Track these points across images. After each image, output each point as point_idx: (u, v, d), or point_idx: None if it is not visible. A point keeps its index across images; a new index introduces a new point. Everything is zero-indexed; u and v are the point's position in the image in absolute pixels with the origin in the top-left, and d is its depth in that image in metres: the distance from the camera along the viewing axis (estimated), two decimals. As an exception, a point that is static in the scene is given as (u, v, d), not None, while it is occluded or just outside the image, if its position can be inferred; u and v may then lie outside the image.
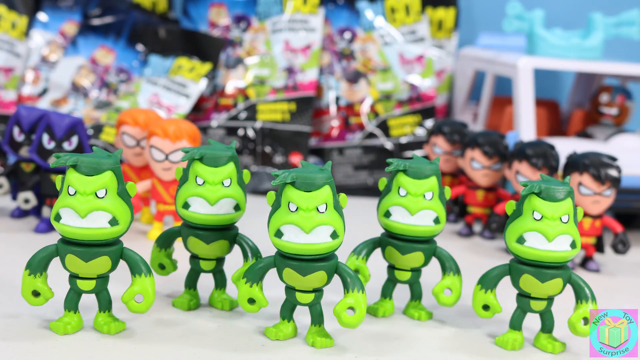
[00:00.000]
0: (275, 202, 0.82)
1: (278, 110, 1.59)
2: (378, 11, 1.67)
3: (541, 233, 0.83)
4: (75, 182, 0.79)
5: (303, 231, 0.80)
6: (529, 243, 0.83)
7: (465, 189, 1.35)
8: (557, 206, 0.83)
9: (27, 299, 0.83)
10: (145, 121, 1.23)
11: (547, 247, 0.83)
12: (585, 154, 1.16)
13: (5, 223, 1.22)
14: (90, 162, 0.79)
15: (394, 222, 0.90)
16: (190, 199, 0.88)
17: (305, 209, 0.80)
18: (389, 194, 0.91)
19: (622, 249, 1.18)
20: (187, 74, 1.58)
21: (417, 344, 0.88)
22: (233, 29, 1.66)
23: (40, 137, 1.15)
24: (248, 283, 0.84)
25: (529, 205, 0.84)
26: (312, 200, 0.80)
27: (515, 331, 0.88)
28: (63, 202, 0.79)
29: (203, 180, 0.87)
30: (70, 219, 0.79)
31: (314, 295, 0.84)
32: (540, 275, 0.84)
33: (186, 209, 0.88)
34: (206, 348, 0.83)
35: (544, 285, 0.84)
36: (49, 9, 1.67)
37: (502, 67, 1.48)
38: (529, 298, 0.86)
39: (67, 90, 1.58)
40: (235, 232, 0.91)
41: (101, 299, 0.84)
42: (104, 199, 0.79)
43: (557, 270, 0.84)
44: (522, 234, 0.84)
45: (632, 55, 1.68)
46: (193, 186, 0.88)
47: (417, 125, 1.62)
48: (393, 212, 0.90)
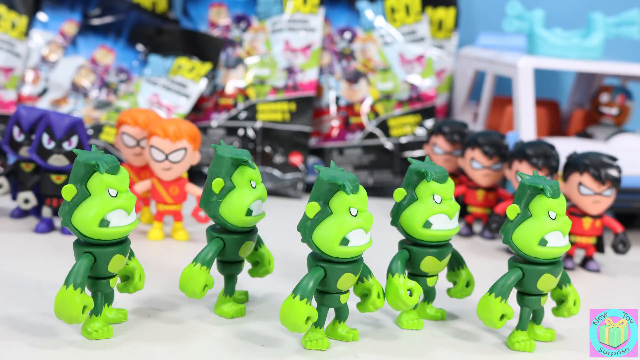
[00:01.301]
0: (320, 212, 0.81)
1: (278, 110, 1.58)
2: (378, 11, 1.67)
3: (560, 231, 0.84)
4: (114, 184, 0.80)
5: (365, 232, 0.81)
6: (552, 243, 0.84)
7: (466, 189, 1.35)
8: (562, 203, 0.85)
9: (79, 317, 0.79)
10: (145, 121, 1.23)
11: (564, 244, 0.85)
12: (585, 154, 1.16)
13: (5, 223, 1.22)
14: (109, 160, 0.80)
15: (436, 231, 0.89)
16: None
17: (364, 211, 0.81)
18: (418, 203, 0.89)
19: (622, 249, 1.18)
20: (187, 73, 1.58)
21: (417, 344, 0.88)
22: (233, 29, 1.66)
23: (40, 137, 1.15)
24: (303, 300, 0.80)
25: (540, 206, 0.84)
26: (364, 201, 0.82)
27: (524, 331, 0.88)
28: (110, 206, 0.79)
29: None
30: (120, 219, 0.80)
31: (348, 292, 0.85)
32: (556, 271, 0.86)
33: (249, 215, 0.88)
34: (206, 348, 0.83)
35: (556, 279, 0.86)
36: (48, 9, 1.67)
37: (502, 67, 1.48)
38: (541, 296, 0.87)
39: (67, 90, 1.58)
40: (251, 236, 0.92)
41: (109, 293, 0.85)
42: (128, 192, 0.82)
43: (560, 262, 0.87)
44: (544, 235, 0.84)
45: (632, 55, 1.68)
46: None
47: (417, 125, 1.62)
48: (433, 222, 0.88)
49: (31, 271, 1.02)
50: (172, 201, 1.19)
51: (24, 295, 0.93)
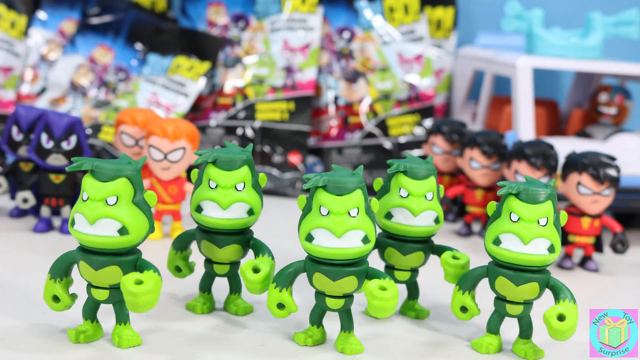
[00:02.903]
0: (306, 206, 0.81)
1: (277, 109, 1.58)
2: (377, 10, 1.67)
3: (517, 235, 0.81)
4: (88, 188, 0.77)
5: (334, 235, 0.79)
6: (504, 245, 0.82)
7: (464, 189, 1.35)
8: (535, 208, 0.81)
9: (48, 303, 0.82)
10: (143, 120, 1.23)
11: (522, 250, 0.81)
12: (584, 154, 1.16)
13: (3, 223, 1.22)
14: (106, 168, 0.77)
15: (395, 224, 0.90)
16: (203, 203, 0.86)
17: (336, 213, 0.79)
18: (388, 195, 0.90)
19: (621, 248, 1.18)
20: (185, 73, 1.58)
21: (408, 344, 0.88)
22: (232, 28, 1.66)
23: (39, 137, 1.15)
24: (278, 287, 0.82)
25: (507, 206, 0.82)
26: (343, 204, 0.79)
27: (492, 335, 0.86)
28: (76, 207, 0.78)
29: (216, 183, 0.86)
30: (82, 225, 0.77)
31: (344, 300, 0.82)
32: (515, 278, 0.82)
33: (199, 213, 0.87)
34: (206, 348, 0.82)
35: (519, 288, 0.82)
36: (48, 8, 1.67)
37: (501, 67, 1.48)
38: (505, 301, 0.84)
39: (65, 89, 1.58)
40: (249, 237, 0.90)
41: (117, 310, 0.81)
42: (115, 206, 0.77)
43: (533, 274, 0.82)
44: (498, 235, 0.82)
45: (631, 55, 1.69)
46: (206, 189, 0.87)
47: (416, 125, 1.62)
48: (395, 214, 0.89)
49: (30, 270, 1.01)
50: (171, 200, 1.19)
51: (22, 295, 0.93)
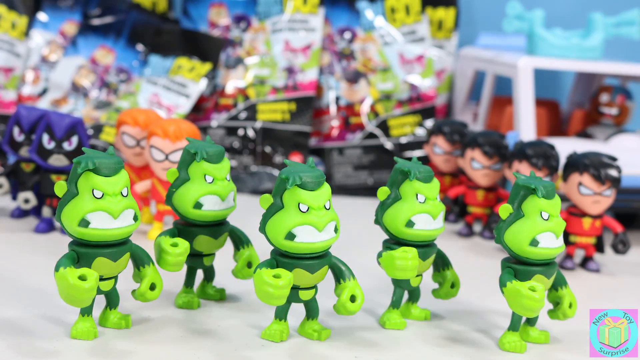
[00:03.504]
0: (273, 206, 0.82)
1: (278, 110, 1.59)
2: (378, 11, 1.67)
3: (553, 232, 0.84)
4: (102, 185, 0.79)
5: (317, 230, 0.81)
6: (543, 244, 0.84)
7: (465, 189, 1.35)
8: (556, 203, 0.85)
9: (75, 286, 0.76)
10: (145, 121, 1.23)
11: (556, 245, 0.84)
12: (585, 154, 1.16)
13: (5, 223, 1.23)
14: (108, 163, 0.79)
15: (418, 231, 0.88)
16: (203, 199, 0.88)
17: (316, 208, 0.80)
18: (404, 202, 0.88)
19: (622, 249, 1.18)
20: (187, 73, 1.58)
21: (416, 344, 0.88)
22: (233, 29, 1.66)
23: (40, 137, 1.15)
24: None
25: (533, 206, 0.84)
26: (321, 198, 0.81)
27: (517, 332, 0.87)
28: (91, 207, 0.78)
29: (212, 177, 0.89)
30: (103, 221, 0.79)
31: (314, 290, 0.85)
32: (548, 272, 0.85)
33: (198, 209, 0.88)
34: (206, 348, 0.82)
35: (549, 281, 0.86)
36: (49, 9, 1.67)
37: (502, 67, 1.48)
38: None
39: (67, 90, 1.58)
40: (229, 225, 0.93)
41: (113, 296, 0.85)
42: (129, 196, 0.81)
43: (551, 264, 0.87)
44: (535, 236, 0.83)
45: (632, 55, 1.68)
46: (204, 185, 0.88)
47: (417, 125, 1.62)
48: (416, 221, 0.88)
49: (31, 271, 1.02)
50: (172, 201, 1.19)
51: (23, 295, 0.93)
